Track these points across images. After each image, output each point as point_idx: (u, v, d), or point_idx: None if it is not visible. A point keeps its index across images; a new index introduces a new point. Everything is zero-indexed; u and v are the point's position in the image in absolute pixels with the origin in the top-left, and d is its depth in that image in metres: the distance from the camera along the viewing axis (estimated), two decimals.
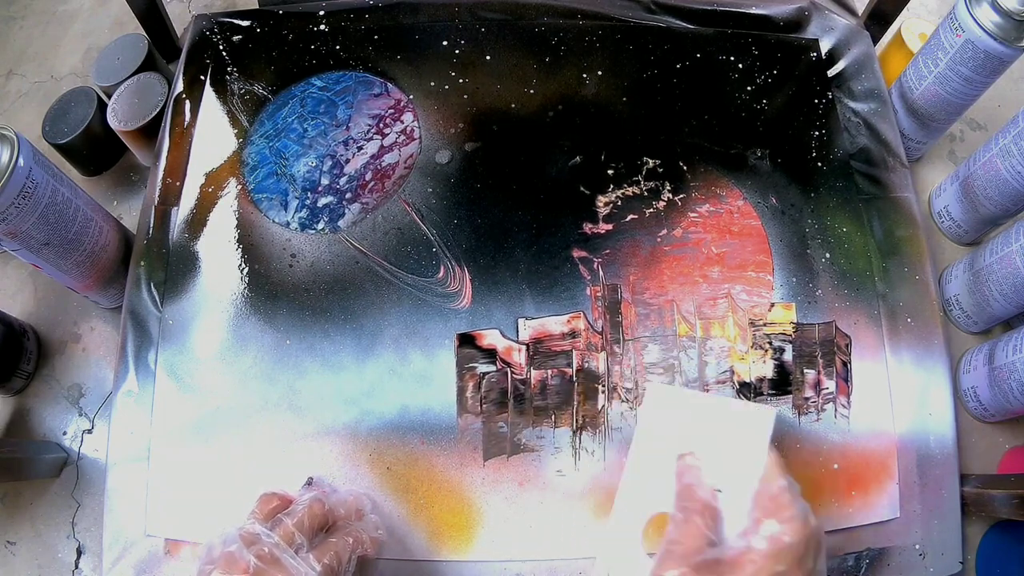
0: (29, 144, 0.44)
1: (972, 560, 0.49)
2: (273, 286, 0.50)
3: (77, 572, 0.48)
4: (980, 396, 0.51)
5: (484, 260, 0.51)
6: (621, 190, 0.53)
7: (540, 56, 0.58)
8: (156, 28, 0.60)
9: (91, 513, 0.49)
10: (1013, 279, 0.49)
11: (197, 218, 0.53)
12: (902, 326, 0.50)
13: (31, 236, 0.45)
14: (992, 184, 0.51)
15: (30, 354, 0.53)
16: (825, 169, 0.55)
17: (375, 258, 0.51)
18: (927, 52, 0.53)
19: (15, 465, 0.48)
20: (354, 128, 0.55)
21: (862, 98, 0.58)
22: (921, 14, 0.68)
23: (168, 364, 0.48)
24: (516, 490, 0.46)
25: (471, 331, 0.49)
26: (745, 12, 0.62)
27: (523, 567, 0.45)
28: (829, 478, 0.46)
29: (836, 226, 0.53)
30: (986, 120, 0.64)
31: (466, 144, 0.55)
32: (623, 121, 0.56)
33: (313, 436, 0.47)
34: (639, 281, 0.51)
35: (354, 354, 0.48)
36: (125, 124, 0.57)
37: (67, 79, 0.66)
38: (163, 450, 0.47)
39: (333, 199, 0.53)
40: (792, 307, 0.50)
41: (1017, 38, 0.48)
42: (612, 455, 0.46)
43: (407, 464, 0.46)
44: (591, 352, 0.48)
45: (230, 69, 0.58)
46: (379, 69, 0.58)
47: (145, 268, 0.51)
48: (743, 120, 0.56)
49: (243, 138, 0.55)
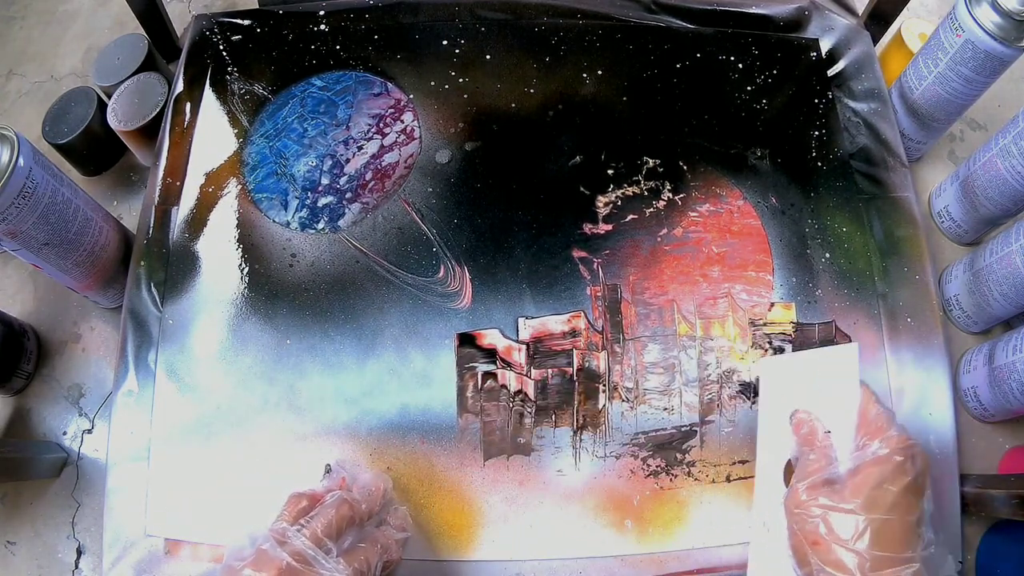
0: (29, 144, 0.44)
1: (972, 560, 0.49)
2: (273, 286, 0.50)
3: (77, 572, 0.48)
4: (980, 396, 0.51)
5: (484, 260, 0.51)
6: (621, 190, 0.53)
7: (540, 56, 0.58)
8: (156, 28, 0.60)
9: (91, 513, 0.49)
10: (1013, 279, 0.49)
11: (197, 218, 0.53)
12: (902, 326, 0.50)
13: (31, 236, 0.45)
14: (992, 184, 0.51)
15: (30, 354, 0.53)
16: (825, 169, 0.55)
17: (375, 258, 0.51)
18: (927, 52, 0.53)
19: (15, 465, 0.48)
20: (354, 128, 0.55)
21: (862, 98, 0.58)
22: (921, 14, 0.68)
23: (168, 364, 0.48)
24: (516, 490, 0.46)
25: (471, 331, 0.49)
26: (745, 12, 0.62)
27: (523, 567, 0.45)
28: None
29: (836, 226, 0.53)
30: (986, 120, 0.64)
31: (466, 144, 0.55)
32: (623, 121, 0.56)
33: (313, 436, 0.47)
34: (639, 281, 0.51)
35: (354, 354, 0.48)
36: (125, 124, 0.57)
37: (67, 79, 0.66)
38: (163, 450, 0.47)
39: (333, 199, 0.53)
40: (792, 307, 0.50)
41: (1017, 38, 0.48)
42: (613, 454, 0.46)
43: (407, 464, 0.46)
44: (592, 351, 0.48)
45: (230, 69, 0.58)
46: (379, 69, 0.58)
47: (145, 268, 0.51)
48: (743, 120, 0.56)
49: (243, 138, 0.55)
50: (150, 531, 0.45)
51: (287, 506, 0.39)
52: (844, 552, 0.34)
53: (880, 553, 0.33)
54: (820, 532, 0.35)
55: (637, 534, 0.45)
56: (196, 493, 0.46)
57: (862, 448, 0.37)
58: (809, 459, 0.38)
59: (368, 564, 0.37)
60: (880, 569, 0.33)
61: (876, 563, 0.33)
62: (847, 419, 0.38)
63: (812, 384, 0.41)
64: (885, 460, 0.35)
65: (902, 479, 0.35)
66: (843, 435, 0.38)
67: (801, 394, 0.41)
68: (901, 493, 0.34)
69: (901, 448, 0.35)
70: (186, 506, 0.46)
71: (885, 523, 0.34)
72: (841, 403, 0.39)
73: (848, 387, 0.39)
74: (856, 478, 0.35)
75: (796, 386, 0.42)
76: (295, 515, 0.38)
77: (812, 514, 0.35)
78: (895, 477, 0.35)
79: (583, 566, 0.45)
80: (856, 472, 0.35)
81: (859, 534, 0.34)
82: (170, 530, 0.45)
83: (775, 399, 0.43)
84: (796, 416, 0.40)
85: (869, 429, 0.37)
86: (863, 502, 0.34)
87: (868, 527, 0.33)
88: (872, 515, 0.34)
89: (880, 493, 0.34)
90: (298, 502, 0.39)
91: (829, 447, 0.38)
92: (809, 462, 0.38)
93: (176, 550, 0.45)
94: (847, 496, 0.35)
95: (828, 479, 0.36)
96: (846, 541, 0.34)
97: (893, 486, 0.34)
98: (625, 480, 0.46)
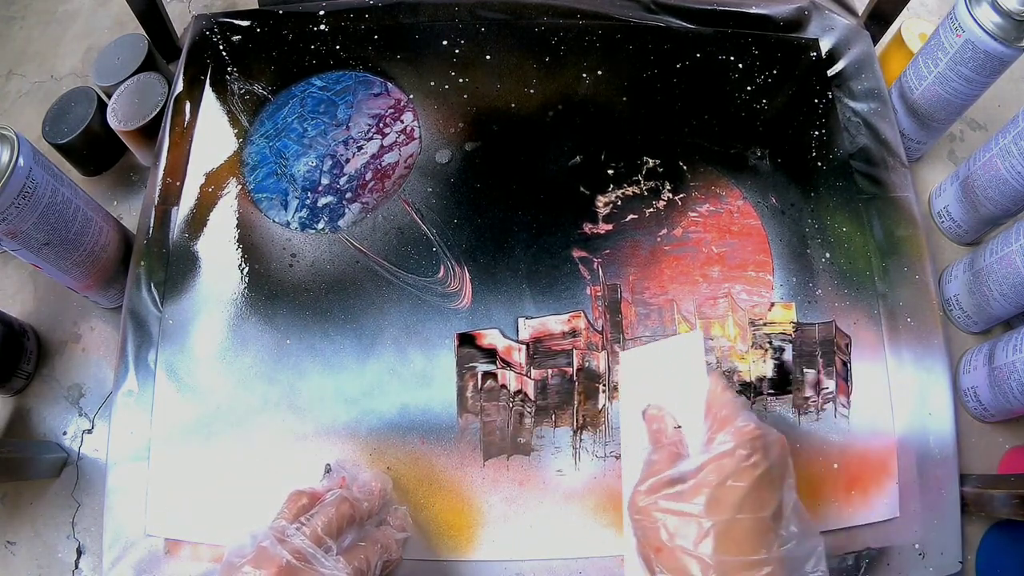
0: (29, 144, 0.44)
1: (972, 560, 0.49)
2: (273, 286, 0.50)
3: (77, 572, 0.48)
4: (980, 396, 0.51)
5: (484, 260, 0.51)
6: (621, 190, 0.53)
7: (540, 56, 0.58)
8: (156, 28, 0.60)
9: (91, 513, 0.49)
10: (1013, 279, 0.49)
11: (197, 218, 0.53)
12: (902, 326, 0.50)
13: (31, 236, 0.45)
14: (992, 184, 0.51)
15: (30, 354, 0.53)
16: (825, 169, 0.55)
17: (375, 258, 0.51)
18: (927, 52, 0.53)
19: (15, 465, 0.48)
20: (354, 128, 0.55)
21: (862, 98, 0.58)
22: (921, 14, 0.68)
23: (168, 364, 0.48)
24: (516, 490, 0.46)
25: (471, 331, 0.49)
26: (745, 12, 0.62)
27: (523, 567, 0.45)
28: (829, 478, 0.46)
29: (836, 226, 0.53)
30: (986, 120, 0.64)
31: (466, 144, 0.55)
32: (623, 121, 0.56)
33: (313, 436, 0.47)
34: (639, 281, 0.51)
35: (354, 354, 0.48)
36: (125, 124, 0.57)
37: (67, 79, 0.66)
38: (163, 450, 0.47)
39: (333, 199, 0.53)
40: (792, 307, 0.50)
41: (1017, 38, 0.48)
42: (613, 454, 0.46)
43: (407, 464, 0.46)
44: (591, 351, 0.48)
45: (230, 69, 0.58)
46: (379, 69, 0.58)
47: (145, 268, 0.51)
48: (743, 120, 0.56)
49: (243, 138, 0.55)
50: (150, 531, 0.45)
51: (287, 504, 0.39)
52: (687, 558, 0.31)
53: (727, 558, 0.30)
54: (661, 538, 0.32)
55: None
56: (196, 493, 0.46)
57: (709, 442, 0.34)
58: (652, 459, 0.35)
59: (368, 563, 0.37)
60: (728, 574, 0.30)
61: (723, 568, 0.30)
62: (697, 411, 0.36)
63: (662, 376, 0.39)
64: (729, 454, 0.32)
65: (750, 473, 0.32)
66: (694, 429, 0.36)
67: (653, 388, 0.39)
68: (750, 489, 0.32)
69: (748, 440, 0.33)
70: (186, 506, 0.46)
71: (731, 523, 0.31)
72: (690, 395, 0.36)
73: (695, 377, 0.37)
74: (698, 476, 0.32)
75: (649, 379, 0.40)
76: (295, 513, 0.38)
77: (652, 519, 0.33)
78: (741, 472, 0.32)
79: (583, 566, 0.45)
80: (699, 469, 0.33)
81: (702, 537, 0.31)
82: (170, 530, 0.45)
83: (631, 394, 0.41)
84: (647, 412, 0.38)
85: (716, 420, 0.34)
86: (706, 502, 0.31)
87: (712, 529, 0.31)
88: (716, 516, 0.31)
89: (724, 491, 0.32)
90: (298, 500, 0.39)
91: (678, 443, 0.36)
92: (652, 462, 0.35)
93: (176, 550, 0.45)
94: (689, 496, 0.32)
95: (673, 478, 0.33)
96: (689, 547, 0.31)
97: (739, 482, 0.32)
98: None
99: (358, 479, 0.43)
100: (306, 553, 0.35)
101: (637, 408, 0.40)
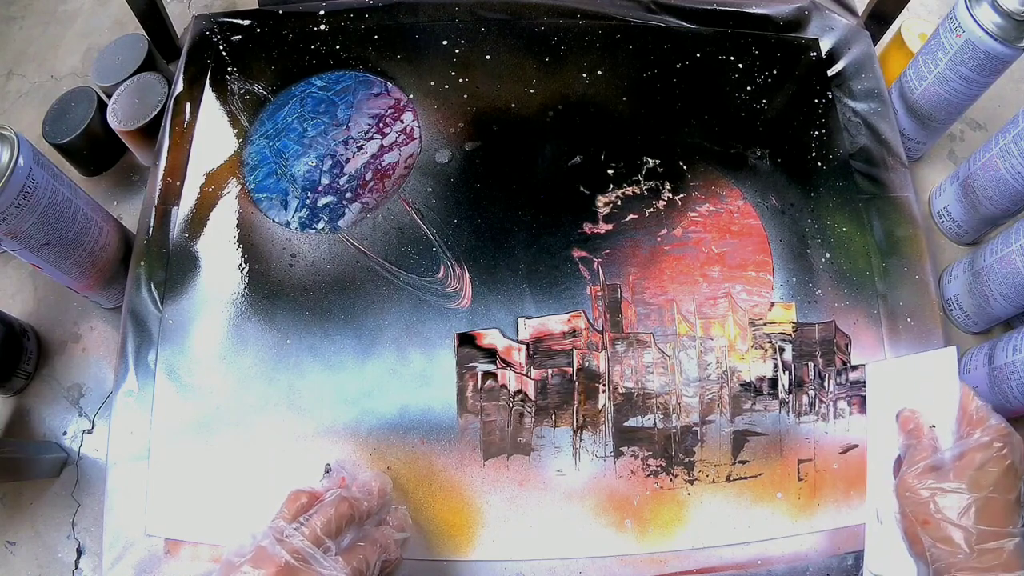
0: (29, 144, 0.44)
1: None
2: (273, 286, 0.50)
3: (77, 572, 0.48)
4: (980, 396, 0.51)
5: (484, 260, 0.51)
6: (621, 190, 0.53)
7: (540, 56, 0.58)
8: (156, 28, 0.60)
9: (91, 513, 0.50)
10: (1013, 279, 0.49)
11: (197, 218, 0.53)
12: (902, 326, 0.50)
13: (31, 236, 0.45)
14: (992, 184, 0.51)
15: (30, 354, 0.53)
16: (825, 169, 0.55)
17: (375, 258, 0.51)
18: (927, 52, 0.53)
19: (15, 465, 0.48)
20: (354, 128, 0.56)
21: (862, 98, 0.58)
22: (921, 14, 0.68)
23: (168, 364, 0.48)
24: (516, 490, 0.46)
25: (471, 331, 0.49)
26: (745, 12, 0.62)
27: (523, 567, 0.45)
28: (829, 478, 0.46)
29: (836, 226, 0.53)
30: (986, 120, 0.64)
31: (466, 144, 0.55)
32: (623, 121, 0.56)
33: (313, 436, 0.47)
34: (639, 281, 0.51)
35: (354, 354, 0.48)
36: (125, 124, 0.57)
37: (67, 79, 0.66)
38: (163, 450, 0.47)
39: (333, 199, 0.53)
40: (792, 307, 0.50)
41: (1017, 38, 0.48)
42: (612, 454, 0.46)
43: (407, 464, 0.46)
44: (592, 351, 0.48)
45: (230, 69, 0.58)
46: (379, 69, 0.58)
47: (145, 268, 0.51)
48: (743, 120, 0.56)
49: (243, 138, 0.55)
50: (150, 531, 0.45)
51: (286, 504, 0.39)
52: (952, 528, 0.37)
53: (985, 527, 0.36)
54: (930, 511, 0.38)
55: (637, 534, 0.45)
56: (196, 493, 0.46)
57: (965, 437, 0.40)
58: (916, 449, 0.41)
59: (367, 563, 0.37)
60: (985, 542, 0.36)
61: (981, 537, 0.36)
62: (949, 414, 0.42)
63: (915, 385, 0.44)
64: (986, 446, 0.38)
65: (1002, 462, 0.38)
66: (946, 428, 0.42)
67: (906, 395, 0.44)
68: (1002, 474, 0.38)
69: (1001, 435, 0.39)
70: (186, 506, 0.46)
71: (988, 500, 0.37)
72: (943, 400, 0.42)
73: (949, 386, 0.42)
74: (960, 462, 0.39)
75: (901, 388, 0.45)
76: (294, 512, 0.38)
77: (921, 496, 0.39)
78: (996, 460, 0.38)
79: (583, 566, 0.45)
80: (960, 457, 0.39)
81: (964, 511, 0.37)
82: (170, 530, 0.45)
83: (882, 401, 0.46)
84: (902, 414, 0.44)
85: (970, 421, 0.40)
86: (967, 482, 0.37)
87: (973, 504, 0.37)
88: (976, 493, 0.37)
89: (982, 474, 0.38)
90: (297, 499, 0.39)
91: (934, 439, 0.41)
92: (916, 451, 0.41)
93: (176, 550, 0.45)
94: (952, 478, 0.38)
95: (934, 465, 0.39)
96: (953, 518, 0.37)
97: (994, 468, 0.38)
98: (625, 480, 0.46)
99: (358, 479, 0.43)
100: (305, 553, 0.35)
101: (888, 411, 0.45)
